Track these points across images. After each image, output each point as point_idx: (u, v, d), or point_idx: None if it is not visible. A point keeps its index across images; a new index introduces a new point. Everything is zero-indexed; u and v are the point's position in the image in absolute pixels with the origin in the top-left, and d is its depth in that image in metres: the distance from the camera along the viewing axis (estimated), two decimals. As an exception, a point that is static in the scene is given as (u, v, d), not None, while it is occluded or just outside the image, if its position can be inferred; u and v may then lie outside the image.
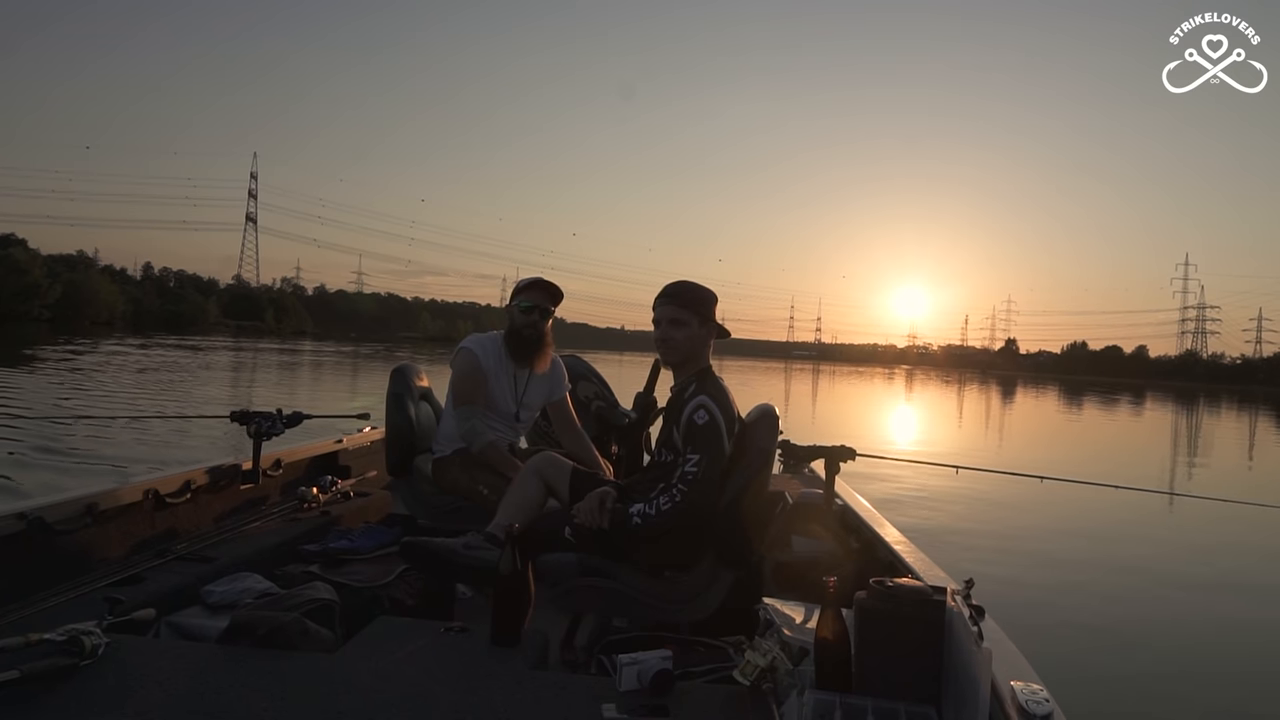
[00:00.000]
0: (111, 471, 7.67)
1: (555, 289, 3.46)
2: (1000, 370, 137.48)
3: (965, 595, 1.79)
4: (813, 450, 3.76)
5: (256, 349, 44.85)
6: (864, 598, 1.76)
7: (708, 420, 2.52)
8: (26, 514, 2.41)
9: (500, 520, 2.67)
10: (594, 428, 3.81)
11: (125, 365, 24.60)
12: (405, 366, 3.78)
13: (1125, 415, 35.71)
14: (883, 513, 3.44)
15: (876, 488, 8.65)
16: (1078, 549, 7.53)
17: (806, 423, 19.67)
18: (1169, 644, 5.13)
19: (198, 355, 33.20)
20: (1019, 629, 2.07)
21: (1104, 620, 5.50)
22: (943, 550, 3.24)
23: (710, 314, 2.70)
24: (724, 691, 1.89)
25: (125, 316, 75.77)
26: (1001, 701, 1.58)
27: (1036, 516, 8.78)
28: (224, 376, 23.85)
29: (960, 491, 9.38)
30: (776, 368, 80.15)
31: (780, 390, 36.81)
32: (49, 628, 1.77)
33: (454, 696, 1.76)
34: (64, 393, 15.74)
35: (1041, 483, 5.60)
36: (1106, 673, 4.51)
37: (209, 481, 3.26)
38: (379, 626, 2.21)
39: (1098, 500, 9.07)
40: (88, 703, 1.61)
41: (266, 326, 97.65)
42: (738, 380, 31.58)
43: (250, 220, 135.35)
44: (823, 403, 32.12)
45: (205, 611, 2.32)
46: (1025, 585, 6.07)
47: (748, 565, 2.69)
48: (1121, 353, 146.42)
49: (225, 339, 60.02)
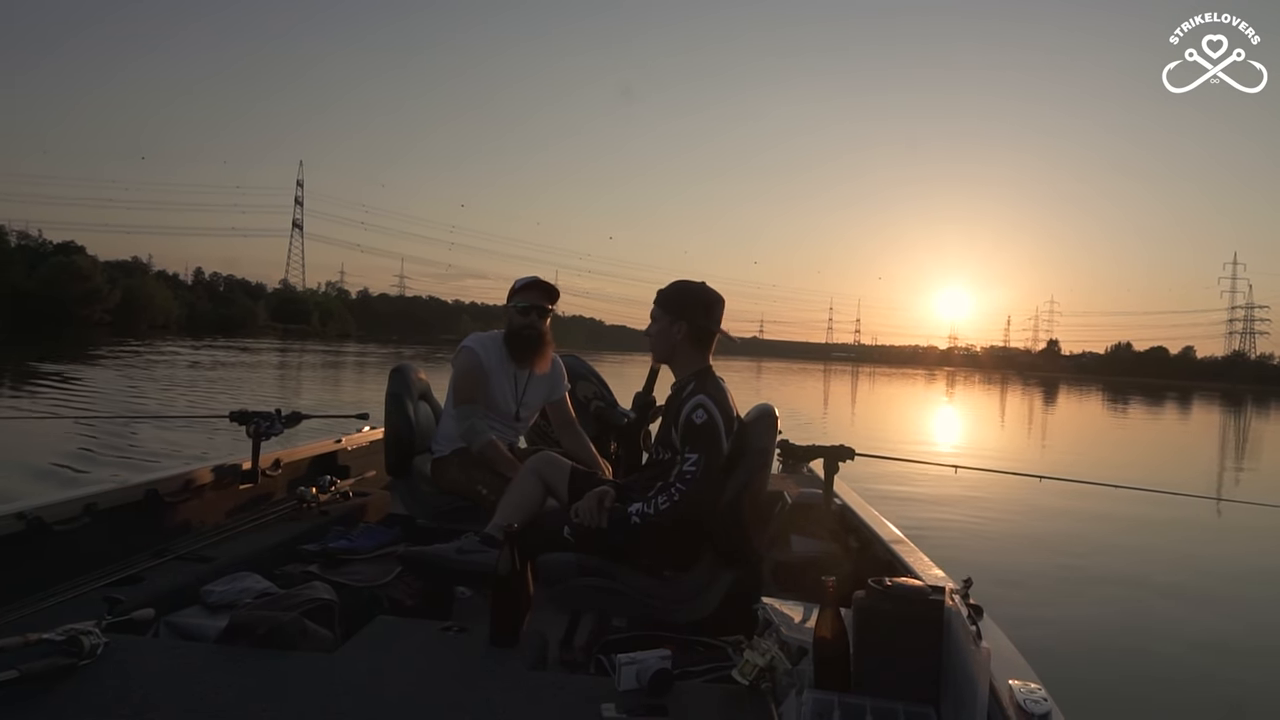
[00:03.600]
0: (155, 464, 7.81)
1: (552, 289, 3.46)
2: (1042, 372, 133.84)
3: (964, 594, 1.79)
4: (811, 450, 3.76)
5: (303, 350, 46.44)
6: (863, 597, 1.76)
7: (706, 420, 2.52)
8: (25, 514, 2.40)
9: (499, 520, 2.68)
10: (593, 427, 3.81)
11: (176, 363, 26.81)
12: (404, 366, 3.78)
13: (1170, 418, 34.94)
14: (881, 512, 3.44)
15: (876, 488, 8.66)
16: (1077, 548, 7.53)
17: (845, 424, 19.85)
18: (1168, 644, 5.12)
19: (248, 356, 34.71)
20: (1017, 628, 2.07)
21: (1103, 620, 5.51)
22: (941, 550, 3.23)
23: (682, 311, 2.67)
24: (723, 691, 1.89)
25: (180, 320, 78.36)
26: (1000, 701, 1.58)
27: (1036, 516, 8.78)
28: (270, 375, 25.28)
29: (960, 491, 9.38)
30: (814, 369, 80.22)
31: (816, 392, 36.90)
32: (48, 627, 1.76)
33: (453, 696, 1.76)
34: (131, 388, 17.18)
35: (1040, 482, 5.61)
36: (1105, 672, 4.51)
37: (208, 481, 3.26)
38: (378, 626, 2.20)
39: (1099, 500, 9.08)
40: (86, 703, 1.61)
41: (312, 329, 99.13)
42: (776, 381, 31.49)
43: (296, 226, 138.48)
44: (855, 404, 32.07)
45: (204, 611, 2.32)
46: (1024, 585, 6.07)
47: (746, 565, 2.69)
48: (1167, 353, 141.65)
49: (273, 341, 62.26)
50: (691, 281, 2.75)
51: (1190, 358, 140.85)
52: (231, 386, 19.10)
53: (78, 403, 13.75)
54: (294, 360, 35.46)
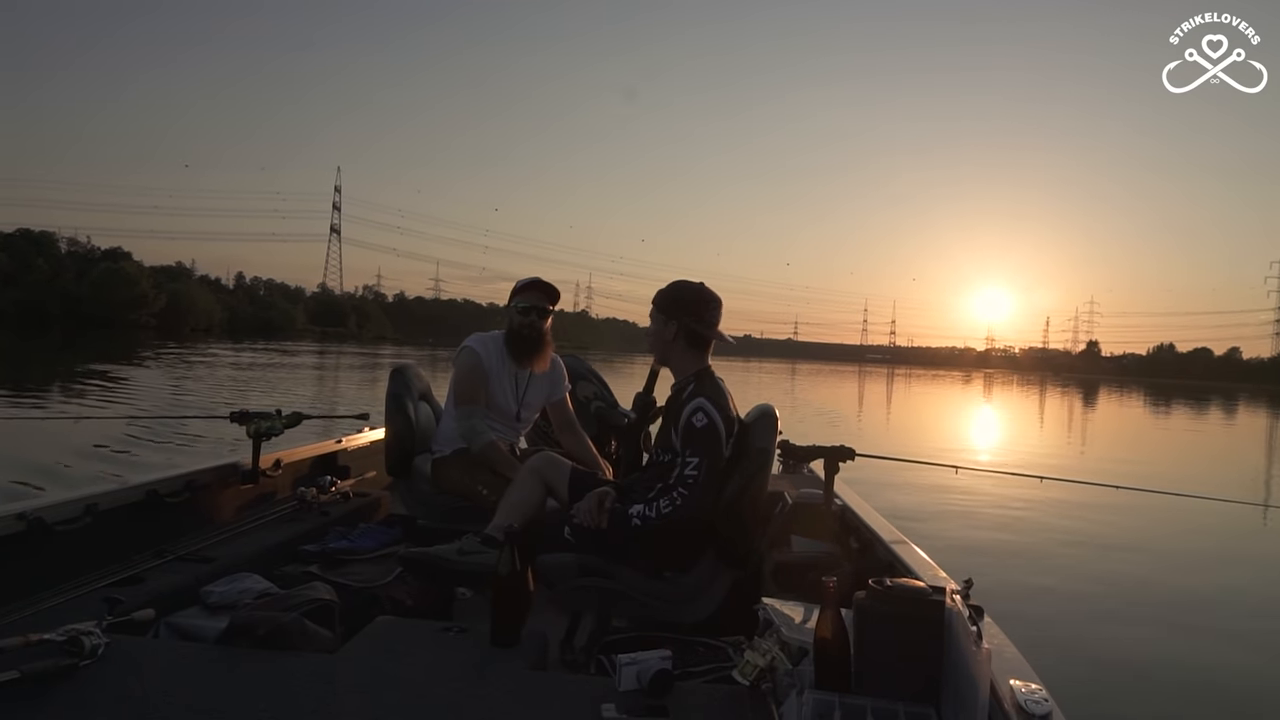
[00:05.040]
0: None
1: (553, 289, 3.46)
2: (1081, 373, 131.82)
3: (964, 595, 1.79)
4: (812, 450, 3.76)
5: (339, 353, 47.59)
6: (863, 598, 1.76)
7: (706, 423, 2.52)
8: (26, 514, 2.40)
9: (499, 520, 2.68)
10: (593, 428, 3.81)
11: (217, 365, 28.12)
12: (405, 367, 3.78)
13: (1214, 421, 34.17)
14: (881, 513, 3.44)
15: (877, 488, 8.66)
16: (1078, 549, 7.52)
17: (880, 428, 19.82)
18: (1169, 645, 5.12)
19: (285, 358, 36.04)
20: (1018, 629, 2.07)
21: (1104, 620, 5.50)
22: (942, 550, 3.23)
23: (675, 312, 2.66)
24: (723, 691, 1.89)
25: (222, 324, 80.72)
26: (1000, 701, 1.58)
27: (1037, 516, 8.78)
28: (308, 375, 26.51)
29: (961, 491, 9.38)
30: (849, 371, 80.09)
31: (850, 394, 36.86)
32: (49, 628, 1.77)
33: (453, 697, 1.76)
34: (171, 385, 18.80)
35: (1041, 482, 5.61)
36: (1106, 673, 4.51)
37: (209, 482, 3.26)
38: (378, 627, 2.20)
39: (1101, 501, 9.08)
40: (87, 703, 1.61)
41: (349, 332, 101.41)
42: (809, 382, 31.56)
43: (334, 231, 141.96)
44: (890, 406, 31.97)
45: (205, 612, 2.32)
46: (1024, 585, 6.07)
47: (747, 565, 2.69)
48: (1211, 355, 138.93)
49: (311, 344, 63.62)
50: (690, 282, 2.74)
51: (1236, 359, 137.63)
52: (271, 386, 20.20)
53: (123, 400, 14.88)
54: (331, 362, 36.50)
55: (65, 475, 7.21)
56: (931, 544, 3.02)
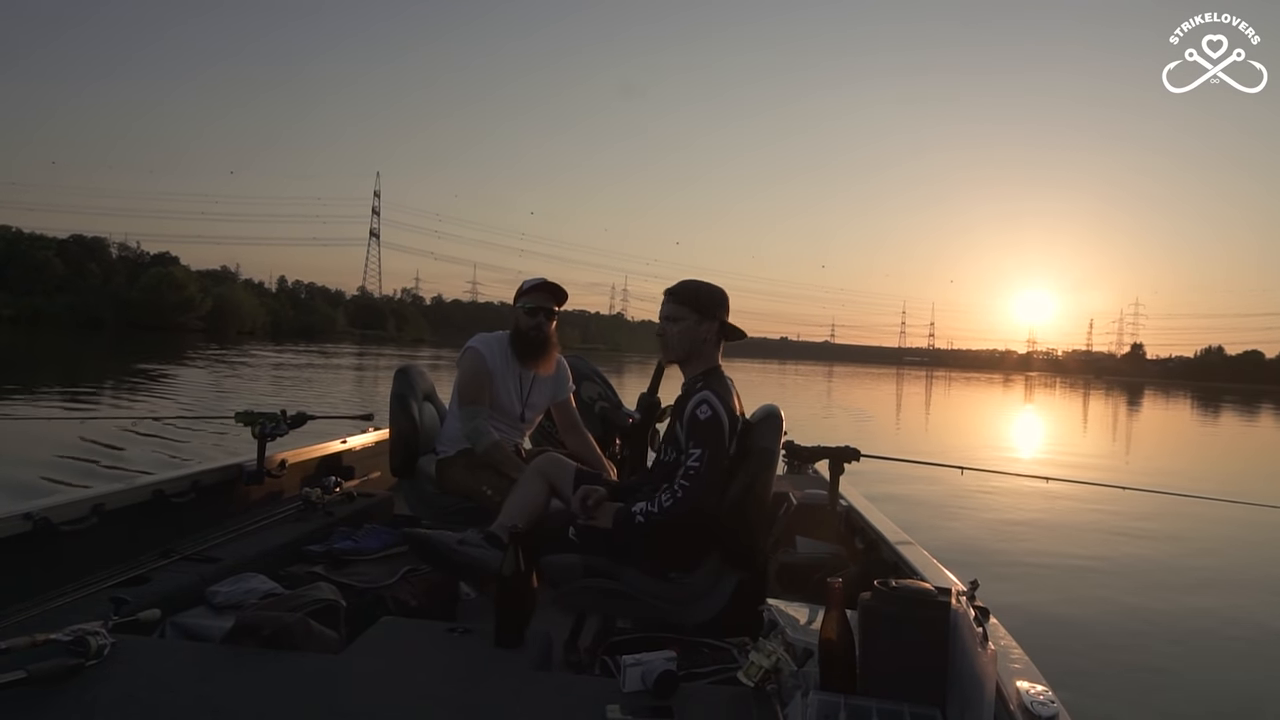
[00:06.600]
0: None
1: (560, 290, 3.46)
2: (1125, 376, 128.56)
3: (970, 596, 1.78)
4: (817, 451, 3.76)
5: (379, 354, 48.22)
6: (868, 599, 1.75)
7: (710, 415, 2.53)
8: (32, 514, 2.41)
9: (504, 521, 2.68)
10: (598, 428, 3.81)
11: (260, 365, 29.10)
12: (409, 367, 3.78)
13: (1268, 425, 33.46)
14: (887, 514, 3.43)
15: (880, 488, 8.64)
16: (1083, 550, 7.50)
17: (918, 430, 19.95)
18: (1175, 645, 5.11)
19: (324, 359, 37.58)
20: (1024, 630, 2.06)
21: (1110, 621, 5.48)
22: (947, 551, 3.22)
23: (710, 311, 2.69)
24: (728, 693, 1.88)
25: (265, 327, 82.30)
26: (1006, 703, 1.58)
27: (1042, 517, 8.76)
28: (349, 376, 27.51)
29: (966, 492, 9.36)
30: (887, 373, 79.80)
31: (888, 396, 36.80)
32: (55, 628, 1.77)
33: (458, 697, 1.76)
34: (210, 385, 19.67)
35: (1047, 483, 5.59)
36: (1112, 674, 4.50)
37: (214, 482, 3.27)
38: (383, 627, 2.20)
39: (1102, 501, 9.05)
40: (93, 703, 1.61)
41: (388, 334, 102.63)
42: (845, 386, 31.39)
43: (374, 235, 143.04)
44: (929, 409, 31.85)
45: (210, 612, 2.32)
46: (1031, 586, 6.05)
47: (752, 566, 2.68)
48: (1263, 357, 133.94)
49: (351, 346, 64.90)
50: (703, 280, 2.75)
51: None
52: (316, 386, 21.02)
53: (177, 398, 15.96)
54: (370, 364, 37.11)
55: (68, 475, 7.25)
56: (937, 545, 3.01)
